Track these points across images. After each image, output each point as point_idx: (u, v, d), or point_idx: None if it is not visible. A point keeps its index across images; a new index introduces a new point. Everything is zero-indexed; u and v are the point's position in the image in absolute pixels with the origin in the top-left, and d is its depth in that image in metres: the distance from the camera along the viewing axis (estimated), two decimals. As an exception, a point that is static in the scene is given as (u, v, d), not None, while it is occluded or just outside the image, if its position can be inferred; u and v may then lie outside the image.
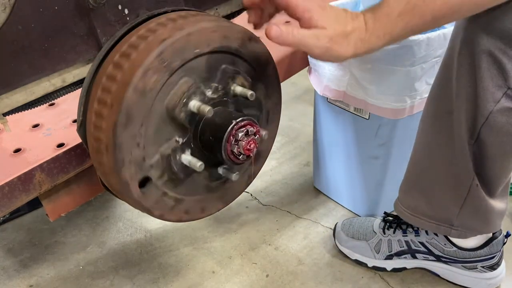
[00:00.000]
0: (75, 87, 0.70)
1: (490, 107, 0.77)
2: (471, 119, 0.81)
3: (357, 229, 1.13)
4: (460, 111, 0.82)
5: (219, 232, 1.25)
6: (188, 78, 0.63)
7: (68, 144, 0.79)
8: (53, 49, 0.63)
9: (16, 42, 0.59)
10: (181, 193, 0.70)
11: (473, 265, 1.02)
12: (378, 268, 1.10)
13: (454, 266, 1.04)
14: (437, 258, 1.04)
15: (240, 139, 0.64)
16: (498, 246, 1.01)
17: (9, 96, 0.62)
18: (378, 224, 1.11)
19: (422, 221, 1.00)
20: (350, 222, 1.16)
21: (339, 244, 1.14)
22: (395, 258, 1.07)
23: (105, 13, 0.65)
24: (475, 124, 0.81)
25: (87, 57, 0.67)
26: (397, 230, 1.07)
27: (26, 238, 1.27)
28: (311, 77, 1.18)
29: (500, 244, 1.01)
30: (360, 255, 1.11)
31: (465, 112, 0.81)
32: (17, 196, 0.72)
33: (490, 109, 0.78)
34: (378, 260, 1.09)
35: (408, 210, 1.02)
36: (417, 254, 1.06)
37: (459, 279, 1.04)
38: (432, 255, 1.04)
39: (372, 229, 1.11)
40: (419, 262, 1.07)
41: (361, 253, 1.10)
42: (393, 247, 1.07)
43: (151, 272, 1.15)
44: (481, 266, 1.01)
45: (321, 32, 0.63)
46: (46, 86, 0.65)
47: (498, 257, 1.01)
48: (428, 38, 0.93)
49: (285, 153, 1.56)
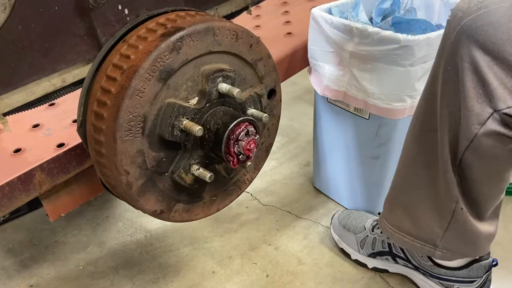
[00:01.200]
0: (75, 87, 0.70)
1: (475, 129, 0.72)
2: (454, 141, 0.76)
3: (351, 221, 1.15)
4: (443, 131, 0.77)
5: (219, 232, 1.25)
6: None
7: (68, 144, 0.79)
8: (53, 49, 0.63)
9: (16, 42, 0.59)
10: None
11: (449, 284, 0.98)
12: (359, 263, 1.11)
13: (431, 280, 1.01)
14: (415, 268, 1.03)
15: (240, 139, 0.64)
16: (479, 271, 0.96)
17: (9, 96, 0.62)
18: (370, 222, 1.12)
19: (405, 240, 0.96)
20: (349, 213, 1.18)
21: (332, 229, 1.18)
22: (378, 257, 1.08)
23: (105, 13, 0.65)
24: (458, 147, 0.76)
25: (87, 57, 0.67)
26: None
27: (26, 238, 1.27)
28: (311, 77, 1.18)
29: (482, 269, 0.96)
30: (346, 245, 1.13)
31: (449, 133, 0.76)
32: (17, 196, 0.72)
33: (475, 131, 0.72)
34: (361, 255, 1.10)
35: (392, 227, 0.99)
36: (397, 259, 1.05)
37: None
38: (410, 263, 1.04)
39: (363, 224, 1.13)
40: (400, 267, 1.07)
41: (348, 244, 1.12)
42: (376, 246, 1.08)
43: (151, 272, 1.15)
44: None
45: None
46: (46, 86, 0.65)
47: (479, 283, 0.97)
48: (428, 38, 0.93)
49: (285, 153, 1.56)
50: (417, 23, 1.09)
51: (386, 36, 0.95)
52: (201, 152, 0.68)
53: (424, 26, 1.09)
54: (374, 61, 0.99)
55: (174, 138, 0.64)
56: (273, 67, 0.75)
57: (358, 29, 0.99)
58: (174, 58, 0.61)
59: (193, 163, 0.68)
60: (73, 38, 0.64)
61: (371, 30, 0.97)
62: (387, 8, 1.18)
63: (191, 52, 0.62)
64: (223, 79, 0.66)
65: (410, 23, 1.09)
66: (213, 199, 0.76)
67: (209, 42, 0.64)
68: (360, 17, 1.15)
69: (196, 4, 0.77)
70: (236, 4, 0.86)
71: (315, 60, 1.13)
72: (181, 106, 0.63)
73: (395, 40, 0.94)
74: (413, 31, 1.08)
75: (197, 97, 0.66)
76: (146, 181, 0.65)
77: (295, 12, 1.38)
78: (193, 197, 0.72)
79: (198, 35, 0.62)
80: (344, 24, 1.01)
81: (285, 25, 1.29)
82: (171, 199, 0.69)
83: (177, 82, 0.63)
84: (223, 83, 0.66)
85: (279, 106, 0.80)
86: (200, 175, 0.67)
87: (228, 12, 0.86)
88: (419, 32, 1.06)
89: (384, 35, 0.95)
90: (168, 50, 0.60)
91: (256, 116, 0.70)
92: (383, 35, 0.95)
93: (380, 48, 0.96)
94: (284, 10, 1.40)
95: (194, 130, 0.62)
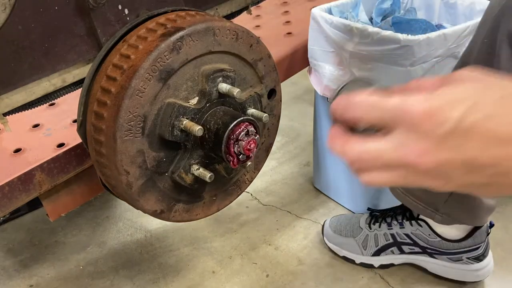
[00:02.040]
0: (75, 87, 0.69)
1: None
2: None
3: (344, 226, 1.14)
4: None
5: (219, 232, 1.25)
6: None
7: (68, 144, 0.79)
8: (53, 49, 0.63)
9: (16, 42, 0.59)
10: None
11: (458, 257, 1.02)
12: (365, 265, 1.11)
13: (440, 259, 1.04)
14: (422, 250, 1.05)
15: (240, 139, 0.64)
16: (482, 236, 1.01)
17: (9, 96, 0.62)
18: (364, 220, 1.12)
19: (410, 201, 1.01)
20: (338, 219, 1.17)
21: (327, 240, 1.16)
22: (382, 254, 1.08)
23: (105, 13, 0.65)
24: None
25: (87, 57, 0.67)
26: (382, 224, 1.08)
27: (26, 238, 1.27)
28: (311, 77, 1.18)
29: (484, 234, 1.01)
30: (348, 252, 1.12)
31: None
32: (17, 196, 0.72)
33: None
34: (365, 257, 1.10)
35: (401, 188, 1.03)
36: (403, 247, 1.06)
37: (446, 272, 1.05)
38: (418, 247, 1.05)
39: (358, 225, 1.12)
40: (406, 256, 1.07)
41: (349, 249, 1.12)
42: (379, 241, 1.08)
43: (151, 272, 1.15)
44: (466, 258, 1.02)
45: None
46: (46, 86, 0.65)
47: (483, 248, 1.01)
48: (428, 38, 0.93)
49: (285, 153, 1.55)
50: (417, 23, 1.09)
51: (386, 36, 0.95)
52: (201, 152, 0.68)
53: (424, 26, 1.08)
54: (374, 61, 0.99)
55: (174, 138, 0.64)
56: (273, 67, 0.75)
57: (358, 29, 0.98)
58: (174, 58, 0.61)
59: (193, 163, 0.68)
60: (73, 38, 0.64)
61: (371, 30, 0.97)
62: (387, 8, 1.18)
63: (191, 52, 0.62)
64: (223, 79, 0.66)
65: (410, 23, 1.09)
66: (213, 199, 0.75)
67: (209, 42, 0.64)
68: (360, 17, 1.15)
69: (196, 4, 0.77)
70: (236, 4, 0.86)
71: (315, 60, 1.13)
72: (181, 106, 0.63)
73: (395, 40, 0.94)
74: (413, 31, 1.08)
75: (197, 97, 0.66)
76: (146, 181, 0.65)
77: (295, 12, 1.38)
78: (193, 197, 0.72)
79: (198, 35, 0.62)
80: (344, 24, 1.01)
81: (285, 25, 1.29)
82: (171, 199, 0.69)
83: (177, 82, 0.63)
84: (223, 83, 0.66)
85: (279, 106, 0.80)
86: (200, 175, 0.67)
87: (228, 12, 0.86)
88: (419, 32, 1.06)
89: (384, 35, 0.95)
90: (168, 50, 0.60)
91: (256, 116, 0.70)
92: (383, 35, 0.95)
93: (380, 48, 0.96)
94: (284, 10, 1.40)
95: (194, 130, 0.62)
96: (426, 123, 0.33)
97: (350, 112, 0.38)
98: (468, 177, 0.34)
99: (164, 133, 0.63)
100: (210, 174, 0.66)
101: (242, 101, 0.71)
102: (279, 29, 1.26)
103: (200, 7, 0.77)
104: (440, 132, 0.33)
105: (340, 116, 0.39)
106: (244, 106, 0.71)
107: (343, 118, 0.39)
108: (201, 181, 0.69)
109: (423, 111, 0.33)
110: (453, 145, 0.33)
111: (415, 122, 0.33)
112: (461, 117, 0.32)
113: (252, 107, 0.73)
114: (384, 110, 0.35)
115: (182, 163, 0.67)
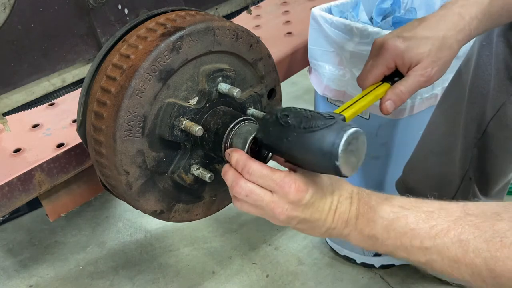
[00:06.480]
0: (75, 87, 0.69)
1: (503, 98, 0.79)
2: (481, 112, 0.83)
3: None
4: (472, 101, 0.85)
5: (219, 232, 1.25)
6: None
7: (68, 144, 0.79)
8: (53, 49, 0.63)
9: (16, 42, 0.59)
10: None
11: None
12: (366, 265, 1.11)
13: None
14: None
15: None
16: None
17: (9, 96, 0.62)
18: None
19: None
20: None
21: (328, 239, 1.16)
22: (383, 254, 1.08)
23: (105, 13, 0.65)
24: (484, 117, 0.83)
25: (87, 57, 0.67)
26: None
27: (26, 238, 1.27)
28: (311, 77, 1.18)
29: None
30: (349, 251, 1.12)
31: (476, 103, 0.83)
32: (17, 196, 0.72)
33: (503, 100, 0.79)
34: (366, 257, 1.10)
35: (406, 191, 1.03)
36: None
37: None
38: None
39: None
40: None
41: (350, 249, 1.12)
42: None
43: (151, 272, 1.15)
44: None
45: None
46: (46, 86, 0.65)
47: None
48: (428, 38, 0.93)
49: (285, 153, 1.55)
50: (417, 23, 1.09)
51: (386, 36, 0.94)
52: (201, 152, 0.68)
53: (424, 26, 1.08)
54: (374, 61, 0.98)
55: (174, 138, 0.64)
56: (273, 67, 0.75)
57: (358, 29, 0.98)
58: (174, 58, 0.61)
59: (193, 163, 0.68)
60: (73, 38, 0.64)
61: (371, 30, 0.97)
62: (387, 8, 1.18)
63: (191, 52, 0.62)
64: (223, 79, 0.66)
65: (410, 23, 1.09)
66: (213, 199, 0.75)
67: (209, 42, 0.64)
68: (360, 17, 1.15)
69: (196, 4, 0.77)
70: (236, 4, 0.86)
71: (315, 60, 1.13)
72: (181, 106, 0.63)
73: (395, 40, 0.93)
74: (413, 31, 1.08)
75: (197, 97, 0.66)
76: (146, 181, 0.65)
77: (295, 12, 1.38)
78: (193, 197, 0.72)
79: (198, 35, 0.62)
80: (344, 24, 1.01)
81: (285, 25, 1.29)
82: (171, 199, 0.69)
83: (177, 82, 0.63)
84: (223, 83, 0.66)
85: (279, 106, 0.80)
86: (200, 175, 0.67)
87: (228, 11, 0.86)
88: (419, 32, 1.06)
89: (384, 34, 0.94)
90: (168, 50, 0.60)
91: (256, 116, 0.69)
92: (383, 35, 0.95)
93: (380, 48, 0.96)
94: (284, 10, 1.40)
95: (194, 130, 0.62)
96: (292, 196, 0.58)
97: (246, 176, 0.58)
98: (300, 225, 0.60)
99: (164, 133, 0.63)
100: (210, 174, 0.66)
101: (242, 101, 0.71)
102: (279, 29, 1.26)
103: (200, 7, 0.77)
104: (300, 203, 0.58)
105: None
106: (244, 106, 0.71)
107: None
108: (201, 181, 0.69)
109: (294, 189, 0.58)
110: (299, 210, 0.58)
111: (287, 193, 0.58)
112: (308, 199, 0.59)
113: (252, 107, 0.73)
114: (271, 180, 0.58)
115: (182, 163, 0.67)
